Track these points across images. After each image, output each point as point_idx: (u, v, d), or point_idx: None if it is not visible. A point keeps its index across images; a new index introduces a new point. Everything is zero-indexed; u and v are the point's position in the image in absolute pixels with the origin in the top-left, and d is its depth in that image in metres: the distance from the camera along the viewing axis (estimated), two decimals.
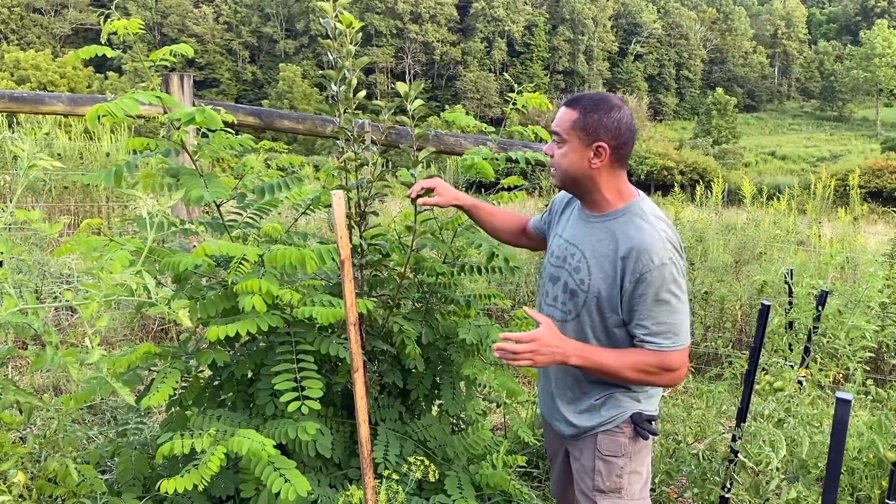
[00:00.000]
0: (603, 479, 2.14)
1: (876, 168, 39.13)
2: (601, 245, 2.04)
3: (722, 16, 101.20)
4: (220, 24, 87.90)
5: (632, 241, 1.96)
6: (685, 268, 2.01)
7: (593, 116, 2.00)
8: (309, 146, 44.60)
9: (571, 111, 2.02)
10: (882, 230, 10.48)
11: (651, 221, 2.00)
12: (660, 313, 1.95)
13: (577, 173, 2.05)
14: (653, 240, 1.94)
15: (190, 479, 2.06)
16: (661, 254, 1.93)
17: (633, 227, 1.99)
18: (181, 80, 4.60)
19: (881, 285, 3.47)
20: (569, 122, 2.03)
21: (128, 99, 2.07)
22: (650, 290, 1.93)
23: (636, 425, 2.11)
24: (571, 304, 2.10)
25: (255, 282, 2.23)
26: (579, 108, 2.01)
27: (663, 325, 1.95)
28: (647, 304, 1.94)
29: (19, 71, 62.90)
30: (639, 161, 51.69)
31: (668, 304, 1.94)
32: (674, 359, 1.97)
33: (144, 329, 5.40)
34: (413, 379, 2.89)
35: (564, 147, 2.04)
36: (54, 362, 1.99)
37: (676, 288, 1.95)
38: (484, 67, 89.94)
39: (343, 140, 2.55)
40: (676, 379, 2.02)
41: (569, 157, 2.04)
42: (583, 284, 2.06)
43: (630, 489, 2.15)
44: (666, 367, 1.98)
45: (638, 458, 2.16)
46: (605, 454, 2.14)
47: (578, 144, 2.02)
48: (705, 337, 5.91)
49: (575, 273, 2.09)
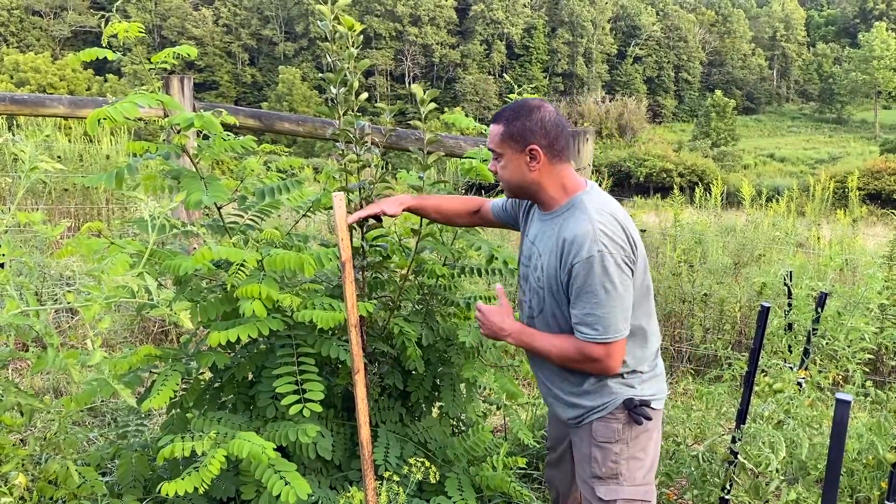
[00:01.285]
0: (599, 465, 2.16)
1: (875, 170, 39.17)
2: (549, 241, 2.12)
3: (721, 18, 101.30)
4: (219, 26, 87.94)
5: (566, 232, 2.04)
6: (627, 260, 2.00)
7: (516, 124, 2.09)
8: (308, 148, 44.63)
9: (497, 126, 2.13)
10: (881, 232, 10.49)
11: (589, 214, 2.03)
12: (586, 303, 2.00)
13: (520, 181, 2.15)
14: (584, 231, 1.99)
15: (190, 481, 2.06)
16: (591, 246, 1.97)
17: (572, 220, 2.06)
18: (181, 82, 4.61)
19: (880, 287, 3.49)
20: (497, 136, 2.12)
21: (127, 103, 2.07)
22: (578, 280, 1.99)
23: (629, 410, 2.13)
24: (535, 299, 2.19)
25: (255, 287, 2.24)
26: (503, 121, 2.11)
27: (589, 316, 2.00)
28: (576, 294, 2.01)
29: (19, 73, 62.92)
30: (638, 163, 51.73)
31: (594, 296, 1.98)
32: (596, 350, 2.02)
33: (145, 331, 5.40)
34: (413, 381, 2.90)
35: (502, 160, 2.14)
36: (55, 364, 1.99)
37: (607, 281, 1.97)
38: (483, 70, 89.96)
39: (343, 142, 2.56)
40: (605, 370, 2.07)
41: (509, 169, 2.14)
42: (539, 281, 2.15)
43: (630, 475, 2.16)
44: (588, 356, 2.04)
45: (637, 444, 2.17)
46: (600, 441, 2.16)
47: (513, 154, 2.11)
48: (705, 339, 5.91)
49: (535, 271, 2.18)
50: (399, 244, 2.88)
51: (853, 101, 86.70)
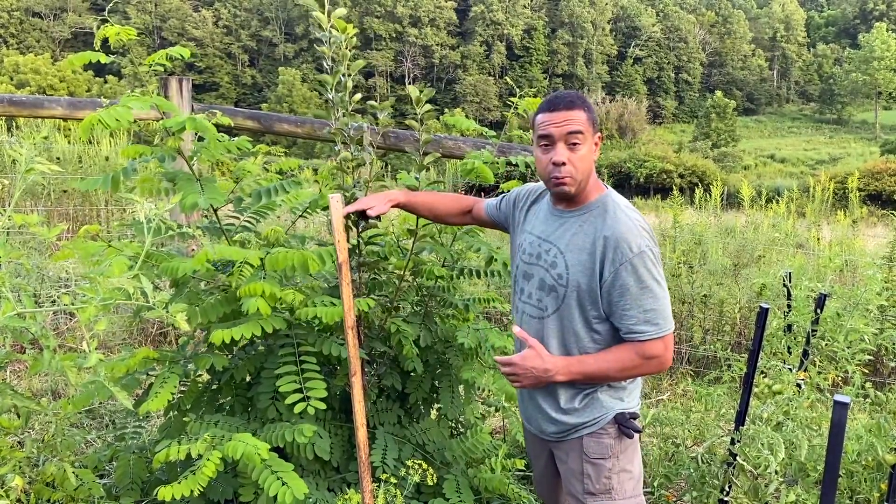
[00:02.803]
0: (592, 482, 2.13)
1: (875, 171, 39.12)
2: (577, 238, 2.05)
3: (721, 19, 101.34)
4: (219, 27, 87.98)
5: (608, 230, 1.99)
6: (659, 255, 2.03)
7: (593, 109, 2.06)
8: (308, 150, 44.64)
9: (578, 111, 2.02)
10: (881, 233, 10.48)
11: (625, 212, 2.03)
12: (644, 300, 1.96)
13: (590, 170, 2.08)
14: (628, 228, 1.97)
15: (186, 485, 2.06)
16: (639, 241, 1.95)
17: (609, 217, 2.02)
18: (180, 83, 4.60)
19: (880, 288, 3.48)
20: (585, 120, 2.03)
21: (121, 107, 2.07)
22: (631, 278, 1.95)
23: (620, 425, 2.11)
24: (549, 299, 2.10)
25: (258, 285, 2.23)
26: (584, 106, 2.04)
27: (650, 313, 1.97)
28: (632, 293, 1.96)
29: (19, 75, 62.94)
30: (638, 164, 51.71)
31: (650, 291, 1.96)
32: (656, 347, 1.99)
33: (143, 333, 5.39)
34: (412, 382, 2.89)
35: (583, 148, 2.03)
36: (52, 366, 1.99)
37: (657, 273, 1.97)
38: (483, 71, 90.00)
39: (339, 142, 2.56)
40: (663, 365, 2.04)
41: (587, 158, 2.05)
42: (561, 279, 2.06)
43: (621, 489, 2.13)
44: (649, 356, 2.00)
45: (626, 457, 2.14)
46: (593, 457, 2.12)
47: (590, 141, 2.05)
48: (704, 340, 5.90)
49: (551, 269, 2.09)
50: (397, 245, 2.87)
51: (853, 101, 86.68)
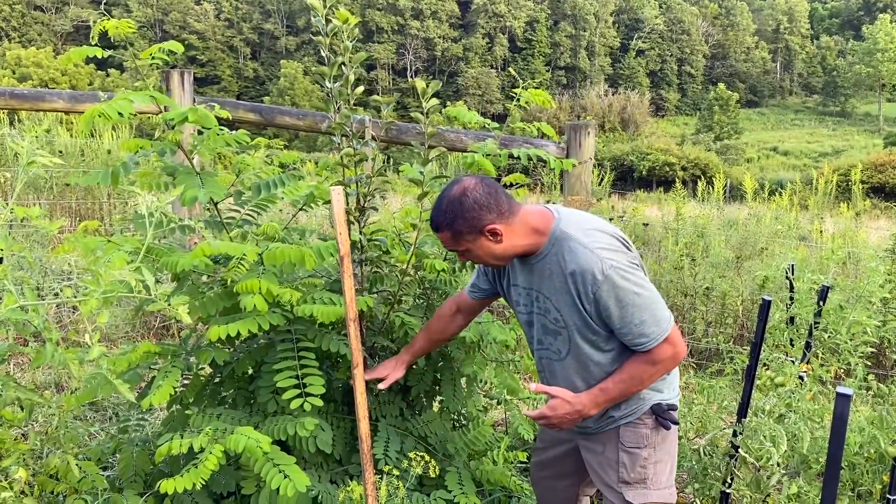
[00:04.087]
0: (627, 470, 2.16)
1: (878, 163, 39.02)
2: (551, 282, 2.07)
3: (724, 11, 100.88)
4: (221, 20, 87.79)
5: (569, 266, 2.00)
6: (632, 262, 2.03)
7: (457, 223, 2.04)
8: (311, 143, 44.62)
9: (442, 234, 2.08)
10: (884, 225, 10.48)
11: (579, 240, 2.01)
12: (632, 316, 1.97)
13: (497, 256, 2.10)
14: (586, 258, 1.97)
15: (189, 478, 2.06)
16: (601, 265, 1.95)
17: (566, 252, 2.02)
18: (181, 76, 4.59)
19: (882, 280, 3.47)
20: (449, 241, 2.09)
21: (122, 100, 2.06)
22: (611, 301, 1.96)
23: (657, 416, 2.14)
24: (558, 343, 2.14)
25: (255, 281, 2.23)
26: (444, 227, 2.06)
27: (640, 325, 1.98)
28: (617, 314, 1.98)
29: (21, 68, 62.89)
30: (640, 157, 51.58)
31: (632, 306, 1.97)
32: (663, 350, 2.01)
33: (146, 326, 5.40)
34: (414, 375, 2.89)
35: (469, 255, 2.11)
36: (54, 359, 1.99)
37: (633, 285, 1.97)
38: (485, 63, 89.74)
39: (340, 136, 2.55)
40: (677, 358, 2.06)
41: (481, 256, 2.10)
42: (559, 322, 2.10)
43: (656, 479, 2.17)
44: (660, 359, 2.02)
45: (663, 448, 2.18)
46: (629, 446, 2.16)
47: (473, 243, 2.07)
48: (707, 333, 5.90)
49: (547, 314, 2.13)
50: (399, 238, 2.87)
51: (857, 94, 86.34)
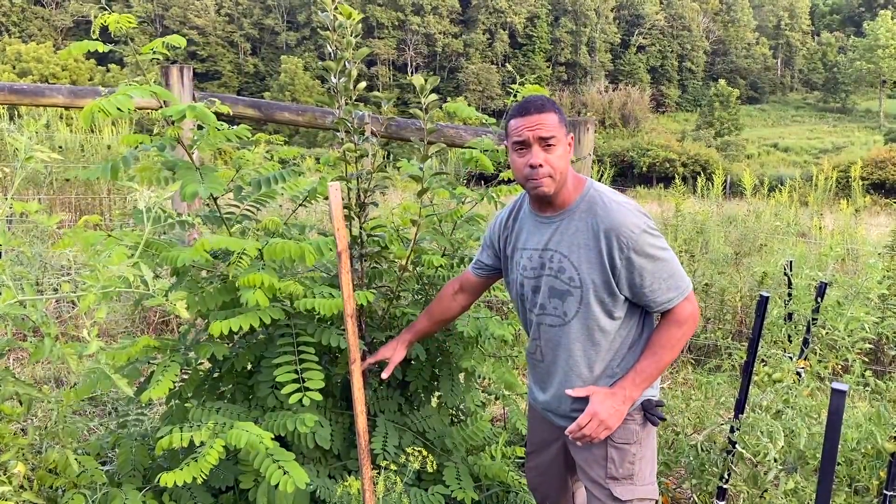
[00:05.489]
0: (616, 466, 2.17)
1: (879, 160, 39.03)
2: (576, 238, 2.08)
3: (725, 7, 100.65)
4: (221, 16, 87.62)
5: (606, 221, 2.02)
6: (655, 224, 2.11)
7: (562, 113, 2.09)
8: (311, 138, 44.55)
9: (549, 114, 2.06)
10: (884, 222, 10.48)
11: (611, 198, 2.07)
12: (662, 272, 2.03)
13: (567, 170, 2.10)
14: (622, 214, 2.01)
15: (189, 471, 2.07)
16: (636, 221, 2.01)
17: (600, 209, 2.05)
18: (181, 72, 4.59)
19: (881, 277, 3.48)
20: (554, 122, 2.06)
21: (121, 95, 2.07)
22: (644, 259, 2.00)
23: (646, 412, 2.16)
24: (567, 305, 2.12)
25: (257, 276, 2.24)
26: (553, 109, 2.07)
27: (670, 280, 2.04)
28: (649, 271, 2.01)
29: (21, 63, 62.78)
30: (641, 153, 51.58)
31: (662, 261, 2.03)
32: (684, 308, 2.06)
33: (145, 321, 5.41)
34: (412, 370, 2.90)
35: (557, 149, 2.06)
36: (53, 354, 2.00)
37: (661, 242, 2.05)
38: (486, 59, 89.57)
39: (343, 131, 2.55)
40: (696, 317, 2.11)
41: (563, 158, 2.08)
42: (573, 282, 2.09)
43: (642, 475, 2.20)
44: (682, 320, 2.06)
45: (647, 444, 2.21)
46: (618, 442, 2.16)
47: (564, 142, 2.08)
48: (705, 328, 5.91)
49: (560, 274, 2.11)
50: (397, 234, 2.87)
51: (858, 90, 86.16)
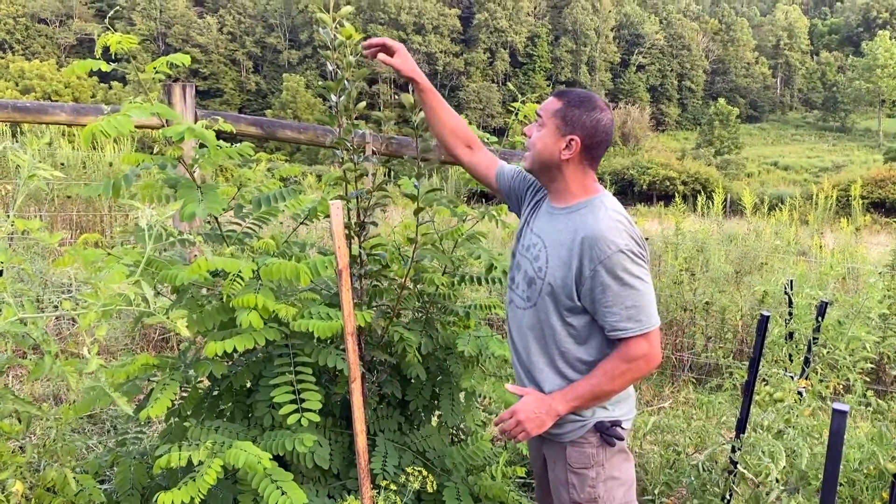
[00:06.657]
0: (577, 491, 2.13)
1: (878, 179, 39.12)
2: (560, 235, 2.08)
3: (724, 27, 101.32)
4: (223, 34, 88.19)
5: (588, 229, 2.01)
6: (646, 258, 2.05)
7: (575, 111, 2.08)
8: (312, 156, 44.72)
9: (557, 101, 2.11)
10: (884, 241, 10.46)
11: (608, 212, 2.04)
12: (626, 298, 1.97)
13: (546, 159, 2.12)
14: (608, 228, 1.99)
15: (186, 491, 2.06)
16: (618, 240, 1.97)
17: (591, 216, 2.04)
18: (183, 90, 4.61)
19: (881, 296, 3.47)
20: (552, 109, 2.10)
21: (122, 115, 2.08)
22: (610, 276, 1.96)
23: (602, 433, 2.10)
24: (529, 291, 2.15)
25: (252, 297, 2.24)
26: (564, 100, 2.10)
27: (632, 309, 1.97)
28: (613, 291, 1.97)
29: (24, 81, 63.18)
30: (641, 171, 51.70)
31: (631, 288, 1.97)
32: (639, 346, 1.99)
33: (146, 338, 5.40)
34: (412, 390, 2.89)
35: (543, 131, 2.11)
36: (52, 371, 2.00)
37: (639, 272, 1.99)
38: (487, 78, 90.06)
39: (343, 150, 2.56)
40: (651, 363, 2.03)
41: (543, 142, 2.11)
42: (540, 272, 2.11)
43: (608, 496, 2.12)
44: (634, 356, 1.99)
45: (612, 464, 2.13)
46: (577, 467, 2.12)
47: (555, 132, 2.09)
48: (706, 347, 5.89)
49: (535, 261, 2.14)
50: (398, 252, 2.88)
51: (857, 109, 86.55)
